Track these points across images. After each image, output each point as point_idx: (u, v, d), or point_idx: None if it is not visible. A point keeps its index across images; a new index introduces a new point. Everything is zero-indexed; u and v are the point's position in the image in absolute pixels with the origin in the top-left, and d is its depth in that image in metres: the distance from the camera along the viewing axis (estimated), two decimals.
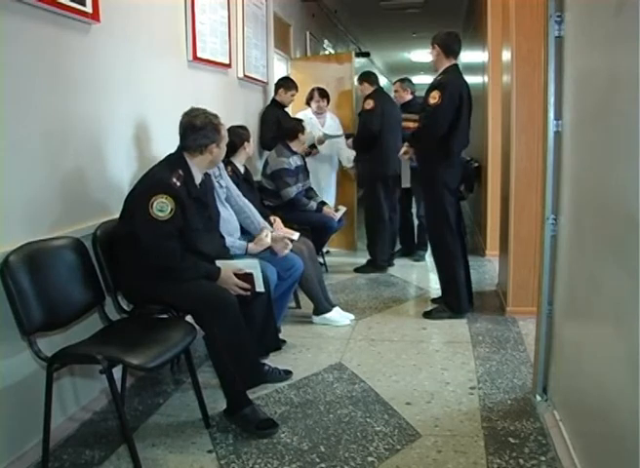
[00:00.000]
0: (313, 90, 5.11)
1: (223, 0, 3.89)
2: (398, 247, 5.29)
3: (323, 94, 5.08)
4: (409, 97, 5.12)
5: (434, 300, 3.92)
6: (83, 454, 2.19)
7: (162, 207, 2.27)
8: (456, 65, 3.53)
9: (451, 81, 3.46)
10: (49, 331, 2.13)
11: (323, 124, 5.12)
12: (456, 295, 3.63)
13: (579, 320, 2.10)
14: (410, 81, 5.28)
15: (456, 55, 3.54)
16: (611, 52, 1.67)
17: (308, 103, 5.12)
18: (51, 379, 2.01)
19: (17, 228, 2.08)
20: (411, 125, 4.49)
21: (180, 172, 2.38)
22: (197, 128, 2.44)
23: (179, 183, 2.34)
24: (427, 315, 3.69)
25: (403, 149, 3.77)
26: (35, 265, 2.04)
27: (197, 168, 2.48)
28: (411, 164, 4.42)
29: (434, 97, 3.39)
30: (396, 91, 5.18)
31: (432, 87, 3.48)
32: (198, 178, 2.50)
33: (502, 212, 3.98)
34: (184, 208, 2.34)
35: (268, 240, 3.01)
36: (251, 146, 3.52)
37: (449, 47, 3.49)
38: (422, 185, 3.78)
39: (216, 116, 2.51)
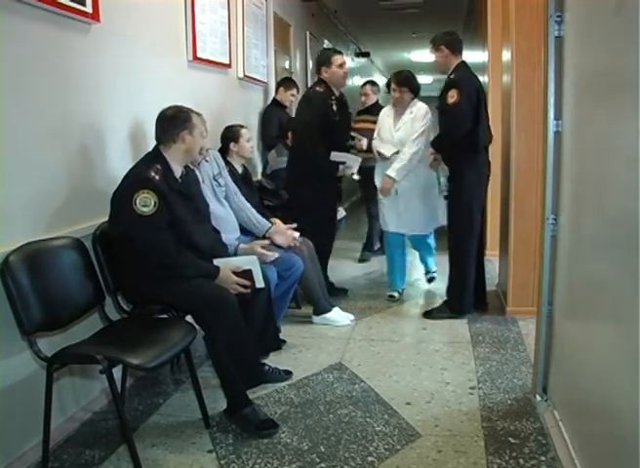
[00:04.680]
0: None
1: (223, 0, 3.89)
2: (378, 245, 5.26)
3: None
4: None
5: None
6: (83, 454, 2.19)
7: (145, 202, 2.26)
8: (464, 62, 3.52)
9: (465, 78, 3.44)
10: (49, 331, 2.13)
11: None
12: (459, 297, 3.62)
13: (579, 320, 2.10)
14: None
15: (461, 51, 3.53)
16: (610, 52, 1.67)
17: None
18: (51, 379, 2.01)
19: (17, 228, 2.08)
20: None
21: (158, 166, 2.37)
22: (168, 117, 2.45)
23: (157, 177, 2.33)
24: (427, 315, 3.68)
25: (431, 158, 3.69)
26: (35, 265, 2.04)
27: (174, 160, 2.46)
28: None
29: (452, 96, 3.36)
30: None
31: (448, 86, 3.44)
32: (178, 172, 2.48)
33: (502, 212, 3.97)
34: (168, 201, 2.33)
35: (259, 250, 2.88)
36: (242, 145, 3.45)
37: (454, 44, 3.49)
38: (451, 185, 3.62)
39: (189, 108, 2.51)
